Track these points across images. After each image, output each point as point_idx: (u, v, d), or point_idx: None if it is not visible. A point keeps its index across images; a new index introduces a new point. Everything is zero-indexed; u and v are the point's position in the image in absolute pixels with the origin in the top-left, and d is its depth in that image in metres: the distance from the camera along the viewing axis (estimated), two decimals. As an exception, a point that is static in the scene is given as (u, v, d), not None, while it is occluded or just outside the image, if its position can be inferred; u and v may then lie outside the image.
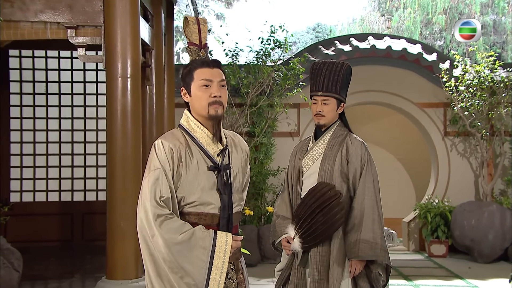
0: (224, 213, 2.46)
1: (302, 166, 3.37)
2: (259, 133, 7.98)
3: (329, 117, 3.35)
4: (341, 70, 3.36)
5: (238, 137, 2.71)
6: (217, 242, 2.35)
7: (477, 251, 7.62)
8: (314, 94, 3.39)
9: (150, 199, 2.36)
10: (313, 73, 3.40)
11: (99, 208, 7.60)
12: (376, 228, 3.21)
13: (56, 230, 8.17)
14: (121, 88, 4.94)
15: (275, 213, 3.47)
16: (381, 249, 3.19)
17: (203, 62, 2.49)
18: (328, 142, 3.35)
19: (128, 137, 4.97)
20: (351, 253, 3.19)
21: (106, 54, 5.01)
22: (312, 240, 3.16)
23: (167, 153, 2.41)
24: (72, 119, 8.29)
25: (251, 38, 8.59)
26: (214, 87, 2.46)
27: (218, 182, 2.46)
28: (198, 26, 2.55)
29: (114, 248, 4.91)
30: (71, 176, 8.27)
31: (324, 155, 3.31)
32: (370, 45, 8.46)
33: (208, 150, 2.48)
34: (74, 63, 8.34)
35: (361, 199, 3.23)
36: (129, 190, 4.88)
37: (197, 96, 2.47)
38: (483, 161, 8.37)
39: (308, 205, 3.14)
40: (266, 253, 7.44)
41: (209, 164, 2.47)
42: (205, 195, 2.44)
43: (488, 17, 19.16)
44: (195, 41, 2.55)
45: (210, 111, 2.45)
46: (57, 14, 5.21)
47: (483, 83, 8.02)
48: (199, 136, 2.49)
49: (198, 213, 2.43)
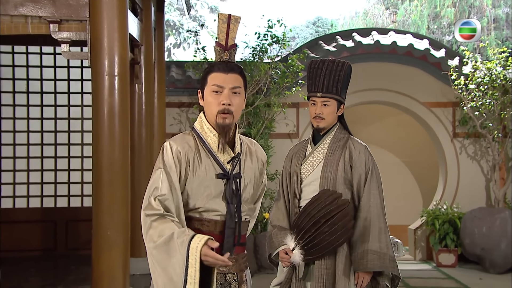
0: (231, 222, 2.47)
1: (301, 172, 3.34)
2: (256, 135, 7.99)
3: (329, 119, 3.33)
4: (342, 69, 3.32)
5: (256, 145, 2.73)
6: (191, 248, 2.28)
7: (488, 261, 7.64)
8: (312, 95, 3.35)
9: (145, 198, 2.42)
10: (311, 72, 3.37)
11: (84, 215, 7.57)
12: (383, 238, 3.21)
13: (37, 238, 8.14)
14: (108, 87, 4.93)
15: (270, 223, 3.43)
16: (389, 260, 3.20)
17: (219, 66, 2.51)
18: (329, 146, 3.32)
19: (115, 139, 4.96)
20: (358, 265, 3.18)
21: (92, 51, 5.00)
22: (316, 252, 3.13)
23: (174, 155, 2.45)
24: (56, 120, 8.26)
25: (247, 33, 8.61)
26: (224, 94, 2.47)
27: (226, 190, 2.48)
28: (227, 24, 2.54)
29: (100, 258, 4.90)
30: (54, 180, 8.24)
31: (325, 161, 3.29)
32: (374, 41, 8.49)
33: (219, 156, 2.51)
34: (57, 59, 8.32)
35: (366, 207, 3.23)
36: (116, 196, 4.88)
37: (208, 102, 2.51)
38: (494, 164, 8.40)
39: (311, 214, 3.11)
40: (263, 263, 7.44)
41: (218, 171, 2.49)
42: (210, 202, 2.46)
43: (500, 10, 19.22)
44: (222, 41, 2.55)
45: (218, 120, 2.48)
46: (39, 8, 5.20)
47: (495, 81, 8.05)
48: (210, 142, 2.52)
49: (201, 219, 2.46)
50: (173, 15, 21.46)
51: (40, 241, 8.18)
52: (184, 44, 21.81)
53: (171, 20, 21.18)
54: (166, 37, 17.76)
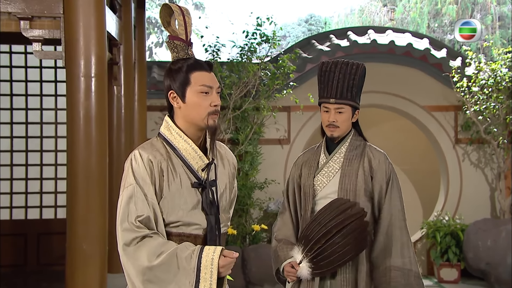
0: (212, 235, 2.45)
1: (315, 184, 3.26)
2: (244, 141, 7.99)
3: (343, 127, 3.28)
4: (357, 72, 3.30)
5: (225, 148, 2.71)
6: (202, 261, 2.30)
7: (494, 276, 7.67)
8: (325, 101, 3.28)
9: (122, 221, 2.35)
10: (322, 76, 3.30)
11: (57, 227, 7.54)
12: (406, 252, 3.17)
13: (6, 253, 8.08)
14: (84, 89, 4.92)
15: (275, 237, 3.36)
16: (415, 277, 3.16)
17: (200, 64, 2.47)
18: (345, 156, 3.27)
19: (92, 145, 4.95)
20: (380, 283, 3.14)
21: (66, 50, 4.99)
22: (326, 265, 3.04)
23: (146, 165, 2.39)
24: (27, 124, 8.22)
25: (235, 31, 8.61)
26: (214, 94, 2.46)
27: (203, 201, 2.45)
28: (183, 17, 2.49)
29: (75, 274, 4.87)
30: (25, 190, 8.20)
31: (342, 172, 3.23)
32: (370, 40, 8.53)
33: (192, 164, 2.47)
34: (28, 59, 8.29)
35: (387, 219, 3.19)
36: (92, 207, 4.86)
37: (195, 104, 2.45)
38: (499, 172, 8.45)
39: (322, 223, 3.03)
40: (252, 279, 7.44)
41: (193, 180, 2.45)
42: (189, 215, 2.43)
43: (506, 8, 19.38)
44: (182, 35, 2.50)
45: (209, 121, 2.45)
46: (8, 3, 5.18)
47: (500, 83, 8.11)
48: (181, 148, 2.47)
49: (179, 234, 2.42)
50: (155, 11, 21.47)
51: (9, 257, 8.11)
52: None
53: (152, 17, 21.19)
54: (147, 36, 17.78)
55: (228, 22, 19.76)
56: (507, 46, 11.12)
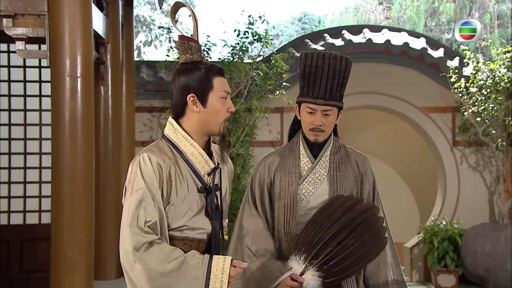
0: (216, 240, 2.48)
1: (300, 194, 2.96)
2: (235, 143, 7.99)
3: (328, 131, 3.01)
4: (346, 68, 2.99)
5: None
6: (212, 270, 2.33)
7: (492, 282, 7.69)
8: (311, 102, 2.95)
9: (131, 225, 2.35)
10: (307, 71, 2.97)
11: (42, 233, 7.51)
12: (399, 264, 3.11)
13: (-11, 260, 8.05)
14: (69, 89, 4.91)
15: (255, 252, 2.94)
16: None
17: (220, 69, 2.52)
18: (331, 159, 3.01)
19: (78, 147, 4.94)
20: None
21: (51, 49, 4.99)
22: (341, 271, 2.79)
23: (155, 170, 2.40)
24: (10, 126, 8.20)
25: (226, 30, 8.60)
26: (229, 100, 2.52)
27: (207, 206, 2.48)
28: (195, 19, 2.53)
29: (60, 282, 4.87)
30: (8, 194, 8.17)
31: (331, 177, 2.98)
32: (365, 39, 8.55)
33: (198, 168, 2.49)
34: (11, 58, 8.26)
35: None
36: (78, 212, 4.86)
37: (216, 109, 2.48)
38: (498, 175, 8.48)
39: (325, 226, 2.79)
40: None
41: (199, 184, 2.48)
42: (193, 220, 2.45)
43: (504, 6, 19.44)
44: (195, 37, 2.53)
45: (223, 129, 2.51)
46: (-9, 0, 5.18)
47: (499, 83, 8.13)
48: (188, 152, 2.48)
49: (183, 238, 2.44)
50: (143, 9, 21.45)
51: (-9, 263, 8.08)
52: (156, 42, 21.80)
53: (141, 16, 21.16)
54: (136, 34, 17.74)
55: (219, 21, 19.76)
56: (506, 45, 11.18)
